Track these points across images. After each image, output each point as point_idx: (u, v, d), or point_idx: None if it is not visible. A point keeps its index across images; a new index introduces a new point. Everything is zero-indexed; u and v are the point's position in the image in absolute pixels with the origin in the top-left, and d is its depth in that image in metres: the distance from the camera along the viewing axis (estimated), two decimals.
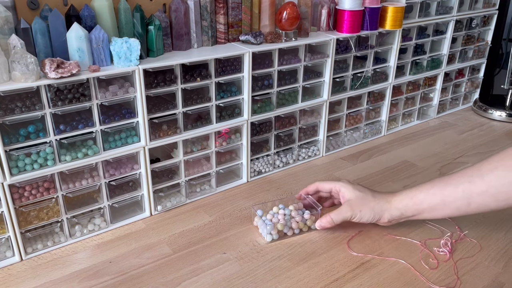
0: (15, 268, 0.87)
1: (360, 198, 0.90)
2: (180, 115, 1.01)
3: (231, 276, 0.84)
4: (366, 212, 0.88)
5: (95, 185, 0.94)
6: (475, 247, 0.93)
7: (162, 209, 1.05)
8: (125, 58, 0.88)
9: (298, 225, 0.95)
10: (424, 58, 1.49)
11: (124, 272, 0.85)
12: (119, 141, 0.95)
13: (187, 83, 0.99)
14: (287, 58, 1.14)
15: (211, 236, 0.96)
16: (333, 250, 0.92)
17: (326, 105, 1.27)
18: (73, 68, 0.82)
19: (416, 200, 0.83)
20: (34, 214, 0.89)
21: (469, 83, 1.73)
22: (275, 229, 0.94)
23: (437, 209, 0.81)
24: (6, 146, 0.81)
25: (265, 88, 1.13)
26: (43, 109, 0.83)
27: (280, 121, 1.21)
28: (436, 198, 0.80)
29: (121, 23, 0.93)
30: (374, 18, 1.26)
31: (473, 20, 1.58)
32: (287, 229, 0.95)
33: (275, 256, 0.90)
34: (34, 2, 0.87)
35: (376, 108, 1.45)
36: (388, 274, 0.85)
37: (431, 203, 0.81)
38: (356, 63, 1.31)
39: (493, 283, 0.83)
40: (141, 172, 1.00)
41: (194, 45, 1.06)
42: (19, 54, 0.77)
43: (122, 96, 0.91)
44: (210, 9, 1.05)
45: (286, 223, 0.95)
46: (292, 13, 1.09)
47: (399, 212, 0.86)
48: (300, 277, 0.84)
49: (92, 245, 0.94)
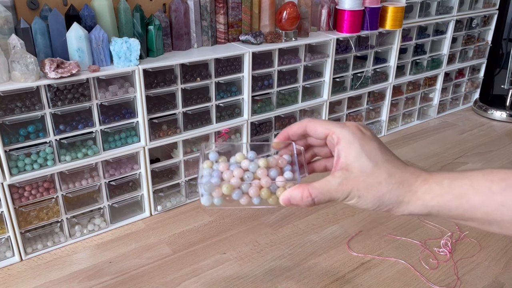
0: (15, 268, 0.87)
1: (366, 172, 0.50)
2: (180, 115, 1.01)
3: (231, 276, 0.84)
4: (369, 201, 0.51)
5: (95, 185, 0.94)
6: (475, 247, 0.93)
7: (162, 209, 1.05)
8: (125, 58, 0.88)
9: (261, 192, 0.54)
10: (424, 58, 1.49)
11: (124, 272, 0.85)
12: (119, 141, 0.95)
13: (187, 83, 0.99)
14: (287, 58, 1.14)
15: (211, 236, 0.96)
16: (333, 250, 0.91)
17: (326, 105, 1.27)
18: (73, 68, 0.82)
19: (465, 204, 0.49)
20: (34, 214, 0.89)
21: (469, 83, 1.73)
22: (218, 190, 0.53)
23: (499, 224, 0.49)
24: (6, 146, 0.81)
25: (265, 88, 1.13)
26: (43, 109, 0.83)
27: (280, 121, 1.21)
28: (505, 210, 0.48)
29: (121, 23, 0.93)
30: (374, 18, 1.25)
31: (473, 20, 1.58)
32: (238, 195, 0.54)
33: (275, 256, 0.90)
34: (34, 2, 0.87)
35: (376, 108, 1.45)
36: (388, 274, 0.85)
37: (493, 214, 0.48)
38: (356, 63, 1.31)
39: (493, 283, 0.83)
40: (141, 172, 1.00)
41: (194, 45, 1.06)
42: (19, 54, 0.77)
43: (122, 96, 0.91)
44: (210, 9, 1.05)
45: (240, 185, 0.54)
46: (292, 13, 1.09)
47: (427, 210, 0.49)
48: (300, 277, 0.84)
49: (92, 245, 0.94)
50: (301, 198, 0.51)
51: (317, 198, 0.51)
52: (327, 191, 0.51)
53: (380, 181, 0.50)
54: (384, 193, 0.50)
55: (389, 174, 0.50)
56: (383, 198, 0.50)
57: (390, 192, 0.50)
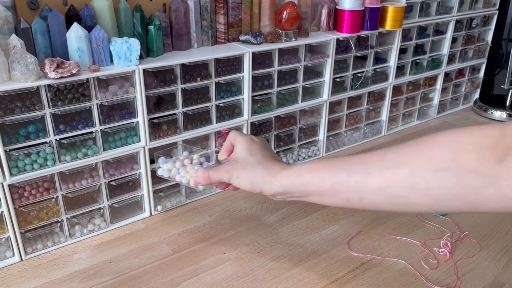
0: (15, 268, 0.87)
1: (244, 161, 0.73)
2: (180, 115, 1.01)
3: (231, 276, 0.84)
4: (244, 180, 0.72)
5: (95, 185, 0.94)
6: (475, 247, 0.93)
7: (162, 209, 1.05)
8: (125, 58, 0.88)
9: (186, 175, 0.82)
10: (424, 58, 1.49)
11: (124, 272, 0.85)
12: (119, 141, 0.95)
13: (187, 83, 0.99)
14: (287, 58, 1.14)
15: (211, 236, 0.96)
16: (333, 250, 0.92)
17: (326, 105, 1.27)
18: (73, 68, 0.82)
19: (303, 181, 0.66)
20: (34, 214, 0.89)
21: (469, 83, 1.73)
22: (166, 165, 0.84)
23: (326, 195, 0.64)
24: (6, 146, 0.81)
25: (265, 88, 1.13)
26: (43, 109, 0.83)
27: (280, 121, 1.21)
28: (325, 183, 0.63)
29: (121, 23, 0.93)
30: (374, 18, 1.25)
31: (473, 20, 1.58)
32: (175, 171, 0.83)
33: (275, 256, 0.90)
34: (34, 2, 0.87)
35: (376, 108, 1.45)
36: (388, 274, 0.85)
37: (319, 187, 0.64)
38: (356, 63, 1.31)
39: (493, 283, 0.83)
40: (141, 172, 1.00)
41: (194, 45, 1.06)
42: (19, 54, 0.77)
43: (122, 96, 0.91)
44: (210, 9, 1.05)
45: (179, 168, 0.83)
46: (292, 13, 1.09)
47: (283, 189, 0.68)
48: (300, 277, 0.84)
49: (92, 245, 0.94)
50: (202, 177, 0.76)
51: (212, 176, 0.75)
52: (218, 172, 0.74)
53: (253, 166, 0.72)
54: (254, 175, 0.71)
55: (259, 163, 0.72)
56: (253, 178, 0.71)
57: (257, 174, 0.70)
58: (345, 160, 0.64)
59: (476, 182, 0.49)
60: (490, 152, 0.49)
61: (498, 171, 0.47)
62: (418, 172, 0.53)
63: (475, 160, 0.49)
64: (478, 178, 0.49)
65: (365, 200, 0.60)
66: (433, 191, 0.52)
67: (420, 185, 0.53)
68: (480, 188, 0.49)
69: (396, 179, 0.55)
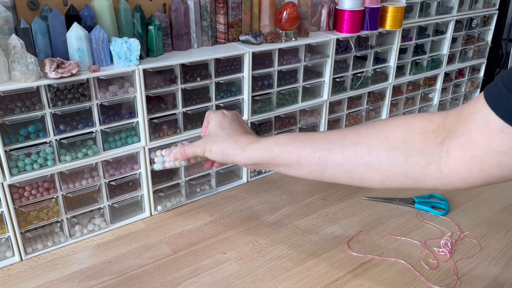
0: (15, 268, 0.87)
1: (215, 135, 0.79)
2: (180, 115, 1.01)
3: (231, 276, 0.84)
4: (216, 153, 0.78)
5: (95, 185, 0.94)
6: (475, 247, 0.93)
7: (162, 209, 1.05)
8: (125, 58, 0.88)
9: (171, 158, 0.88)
10: (424, 58, 1.49)
11: (124, 272, 0.85)
12: (119, 141, 0.95)
13: (187, 83, 0.99)
14: (287, 58, 1.14)
15: (211, 236, 0.96)
16: (333, 250, 0.92)
17: (326, 105, 1.27)
18: (73, 68, 0.82)
19: (271, 153, 0.72)
20: (34, 214, 0.89)
21: (469, 83, 1.73)
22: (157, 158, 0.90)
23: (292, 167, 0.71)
24: (6, 146, 0.81)
25: (265, 88, 1.13)
26: (43, 109, 0.83)
27: (280, 121, 1.21)
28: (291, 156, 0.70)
29: (121, 23, 0.93)
30: (374, 18, 1.25)
31: (473, 20, 1.58)
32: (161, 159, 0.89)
33: (275, 256, 0.90)
34: (34, 2, 0.87)
35: (376, 108, 1.45)
36: (388, 274, 0.85)
37: (286, 159, 0.71)
38: (356, 63, 1.31)
39: (493, 283, 0.83)
40: (141, 172, 1.00)
41: (194, 45, 1.06)
42: (19, 54, 0.77)
43: (122, 96, 0.91)
44: (210, 9, 1.05)
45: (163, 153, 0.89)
46: (292, 13, 1.09)
47: (252, 161, 0.75)
48: (300, 277, 0.84)
49: (92, 245, 0.94)
50: (179, 152, 0.83)
51: (187, 151, 0.82)
52: (192, 147, 0.81)
53: (224, 139, 0.77)
54: (225, 147, 0.76)
55: (229, 136, 0.78)
56: (224, 151, 0.76)
57: (228, 147, 0.76)
58: (311, 136, 0.70)
59: (420, 161, 0.56)
60: (434, 135, 0.55)
61: (439, 151, 0.54)
62: (373, 151, 0.60)
63: (420, 141, 0.57)
64: (422, 157, 0.56)
65: (326, 173, 0.67)
66: (385, 168, 0.59)
67: (374, 162, 0.60)
68: (423, 166, 0.56)
69: (354, 156, 0.62)
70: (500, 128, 0.46)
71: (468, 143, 0.50)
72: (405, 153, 0.57)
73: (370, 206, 1.07)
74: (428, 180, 0.56)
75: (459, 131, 0.52)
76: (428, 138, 0.56)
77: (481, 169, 0.50)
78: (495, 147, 0.47)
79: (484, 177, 0.51)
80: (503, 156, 0.47)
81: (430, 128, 0.56)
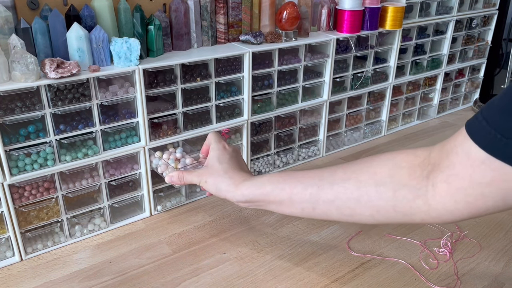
0: (15, 268, 0.87)
1: (212, 168, 0.82)
2: (180, 115, 1.01)
3: (231, 276, 0.84)
4: (210, 185, 0.81)
5: (95, 185, 0.94)
6: (475, 247, 0.93)
7: (162, 209, 1.05)
8: (125, 58, 0.88)
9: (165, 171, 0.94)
10: (424, 58, 1.49)
11: (124, 272, 0.85)
12: (119, 141, 0.95)
13: (187, 83, 0.99)
14: (287, 58, 1.14)
15: (211, 236, 0.96)
16: (333, 250, 0.92)
17: (326, 105, 1.27)
18: (73, 68, 0.82)
19: (263, 191, 0.74)
20: (34, 214, 0.89)
21: (469, 83, 1.73)
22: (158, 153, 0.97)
23: (284, 204, 0.73)
24: (6, 146, 0.81)
25: (265, 88, 1.13)
26: (43, 109, 0.83)
27: (280, 121, 1.21)
28: (283, 193, 0.72)
29: (121, 23, 0.93)
30: (374, 18, 1.25)
31: (473, 20, 1.58)
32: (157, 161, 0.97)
33: (275, 256, 0.90)
34: (34, 2, 0.87)
35: (376, 108, 1.45)
36: (388, 274, 0.85)
37: (277, 196, 0.73)
38: (356, 63, 1.31)
39: (493, 283, 0.83)
40: (141, 172, 1.00)
41: (194, 45, 1.06)
42: (19, 54, 0.77)
43: (122, 96, 0.91)
44: (210, 9, 1.05)
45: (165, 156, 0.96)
46: (292, 13, 1.09)
47: (244, 198, 0.77)
48: (300, 277, 0.84)
49: (92, 245, 0.94)
50: (176, 177, 0.85)
51: (185, 178, 0.84)
52: (190, 175, 0.84)
53: (219, 175, 0.80)
54: (219, 182, 0.79)
55: (225, 171, 0.80)
56: (218, 186, 0.79)
57: (222, 182, 0.79)
58: (302, 174, 0.72)
59: (408, 194, 0.57)
60: (420, 169, 0.57)
61: (425, 185, 0.55)
62: (362, 186, 0.62)
63: (407, 175, 0.58)
64: (409, 191, 0.57)
65: (317, 210, 0.68)
66: (374, 203, 0.61)
67: (363, 197, 0.62)
68: (411, 199, 0.57)
69: (344, 192, 0.64)
70: (481, 160, 0.47)
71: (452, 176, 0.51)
72: (392, 187, 0.59)
73: None
74: (417, 214, 0.57)
75: (443, 164, 0.53)
76: (414, 172, 0.57)
77: (466, 201, 0.51)
78: (477, 179, 0.48)
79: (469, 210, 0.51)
80: (486, 187, 0.48)
81: (415, 163, 0.58)
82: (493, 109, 0.47)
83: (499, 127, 0.45)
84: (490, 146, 0.46)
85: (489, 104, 0.48)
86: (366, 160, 0.66)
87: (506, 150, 0.45)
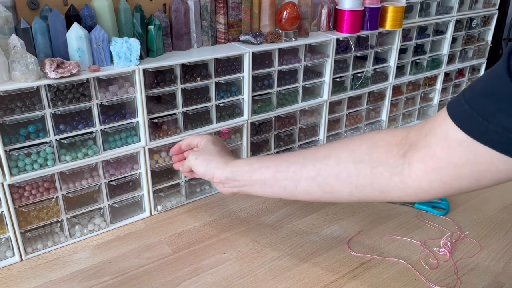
0: (15, 268, 0.87)
1: (206, 148, 0.86)
2: (180, 115, 1.01)
3: (231, 276, 0.84)
4: (201, 162, 0.83)
5: (95, 185, 0.94)
6: (475, 247, 0.93)
7: (162, 209, 1.05)
8: (125, 58, 0.88)
9: None
10: (424, 58, 1.49)
11: (124, 272, 0.86)
12: (119, 141, 0.95)
13: (187, 83, 0.99)
14: (287, 58, 1.14)
15: (211, 236, 0.96)
16: (333, 250, 0.92)
17: (326, 105, 1.27)
18: (73, 68, 0.82)
19: (250, 168, 0.76)
20: (34, 214, 0.89)
21: (469, 83, 1.73)
22: None
23: (267, 184, 0.74)
24: (6, 146, 0.81)
25: (265, 88, 1.13)
26: (43, 109, 0.83)
27: (280, 121, 1.21)
28: (269, 171, 0.74)
29: (121, 23, 0.93)
30: (374, 18, 1.25)
31: (473, 20, 1.58)
32: None
33: (275, 256, 0.90)
34: (34, 2, 0.87)
35: (376, 108, 1.45)
36: (388, 274, 0.85)
37: (263, 175, 0.75)
38: (356, 63, 1.31)
39: (493, 283, 0.83)
40: (141, 172, 1.00)
41: (194, 45, 1.06)
42: (19, 54, 0.77)
43: (122, 96, 0.91)
44: (210, 9, 1.05)
45: None
46: (292, 13, 1.09)
47: (232, 174, 0.79)
48: (300, 277, 0.84)
49: (92, 245, 0.94)
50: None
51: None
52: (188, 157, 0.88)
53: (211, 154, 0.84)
54: (211, 160, 0.83)
55: (218, 152, 0.84)
56: (209, 163, 0.82)
57: (213, 160, 0.82)
58: (287, 154, 0.75)
59: (385, 172, 0.59)
60: (397, 148, 0.59)
61: (402, 163, 0.57)
62: (341, 163, 0.64)
63: (384, 154, 0.60)
64: (386, 168, 0.59)
65: (299, 188, 0.70)
66: (353, 179, 0.63)
67: (343, 174, 0.64)
68: (388, 177, 0.59)
69: (325, 169, 0.66)
70: (458, 142, 0.48)
71: (428, 156, 0.52)
72: (370, 164, 0.61)
73: (370, 206, 1.07)
74: (393, 191, 0.59)
75: (420, 144, 0.54)
76: (391, 150, 0.59)
77: (441, 181, 0.52)
78: (454, 160, 0.49)
79: (444, 189, 0.53)
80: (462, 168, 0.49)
81: (393, 142, 0.60)
82: (476, 92, 0.48)
83: (480, 110, 0.46)
84: (470, 128, 0.47)
85: (472, 86, 0.49)
86: (347, 140, 0.68)
87: (485, 132, 0.45)
